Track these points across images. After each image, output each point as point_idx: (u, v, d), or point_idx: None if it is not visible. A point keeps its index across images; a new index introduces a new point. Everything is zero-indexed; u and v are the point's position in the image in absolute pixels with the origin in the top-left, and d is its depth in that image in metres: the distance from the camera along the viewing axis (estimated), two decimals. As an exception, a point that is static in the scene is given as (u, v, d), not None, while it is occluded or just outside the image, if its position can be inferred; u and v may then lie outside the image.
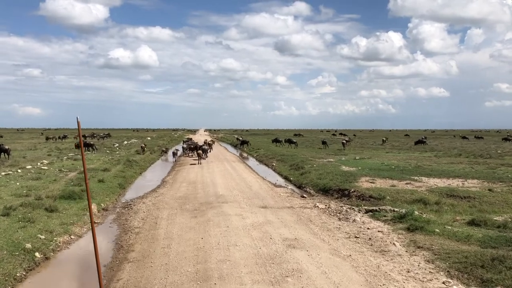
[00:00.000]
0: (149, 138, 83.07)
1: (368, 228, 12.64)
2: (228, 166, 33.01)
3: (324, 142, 56.31)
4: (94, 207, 15.61)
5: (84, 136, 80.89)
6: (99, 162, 32.03)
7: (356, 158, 36.25)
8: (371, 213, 14.38)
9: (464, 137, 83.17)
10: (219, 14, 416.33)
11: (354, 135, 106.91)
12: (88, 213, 14.85)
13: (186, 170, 30.36)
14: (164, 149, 48.44)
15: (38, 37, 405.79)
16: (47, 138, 71.56)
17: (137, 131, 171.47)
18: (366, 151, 46.10)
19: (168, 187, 22.19)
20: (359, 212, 14.58)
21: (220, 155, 45.94)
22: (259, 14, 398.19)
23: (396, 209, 14.13)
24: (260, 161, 40.01)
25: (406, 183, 20.38)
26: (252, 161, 40.97)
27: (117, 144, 57.80)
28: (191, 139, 68.86)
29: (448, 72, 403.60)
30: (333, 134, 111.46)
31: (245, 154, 50.44)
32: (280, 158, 37.29)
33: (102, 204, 16.82)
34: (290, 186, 23.32)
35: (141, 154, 42.57)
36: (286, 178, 26.75)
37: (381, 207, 14.61)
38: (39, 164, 28.41)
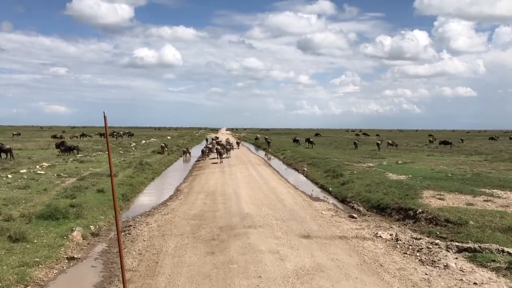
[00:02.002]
0: (169, 137, 79.64)
1: (474, 283, 8.21)
2: (253, 170, 28.84)
3: (355, 144, 52.15)
4: (77, 233, 11.64)
5: (100, 135, 78.08)
6: (107, 165, 28.36)
7: (399, 162, 31.60)
8: (467, 253, 9.89)
9: (492, 138, 77.08)
10: (243, 13, 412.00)
11: (377, 135, 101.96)
12: (67, 243, 10.92)
13: (205, 175, 26.34)
14: (184, 149, 44.47)
15: (64, 37, 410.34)
16: (53, 137, 68.11)
17: (159, 129, 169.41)
18: (404, 154, 41.16)
19: (181, 199, 18.17)
20: (449, 251, 10.09)
21: (243, 156, 41.84)
22: (282, 13, 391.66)
23: (509, 250, 9.59)
24: (288, 165, 35.69)
25: (484, 200, 15.78)
26: (278, 164, 36.70)
27: (134, 144, 54.41)
28: (217, 138, 65.50)
29: (475, 71, 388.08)
30: (357, 134, 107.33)
31: (269, 155, 46.27)
32: (311, 161, 32.89)
33: (92, 227, 12.84)
34: (331, 200, 18.95)
35: (161, 154, 39.07)
36: (323, 188, 22.37)
37: (482, 245, 10.06)
38: (37, 167, 24.87)
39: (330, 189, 21.19)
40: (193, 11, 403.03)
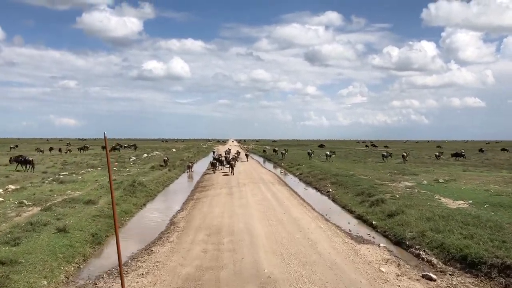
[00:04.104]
0: (174, 150, 74.83)
1: None
2: (268, 192, 23.73)
3: (384, 156, 47.99)
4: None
5: (87, 147, 73.85)
6: (92, 186, 23.44)
7: (440, 181, 26.45)
8: None
9: (504, 149, 73.12)
10: (251, 26, 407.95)
11: (386, 146, 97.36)
12: None
13: (208, 200, 21.25)
14: (189, 164, 39.62)
15: (73, 50, 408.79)
16: (37, 150, 64.65)
17: (166, 141, 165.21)
18: (436, 169, 35.77)
19: (173, 241, 13.10)
20: None
21: (253, 172, 36.80)
22: (290, 25, 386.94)
23: None
24: (307, 183, 30.47)
25: None
26: (295, 182, 31.53)
27: (133, 158, 49.51)
28: (229, 150, 61.46)
29: (483, 82, 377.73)
30: (366, 145, 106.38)
31: (284, 170, 41.18)
32: (335, 180, 27.70)
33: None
34: (379, 240, 13.72)
35: (161, 170, 34.25)
36: (361, 219, 17.13)
37: None
38: (1, 191, 20.00)
39: (373, 222, 15.92)
40: (201, 24, 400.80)
